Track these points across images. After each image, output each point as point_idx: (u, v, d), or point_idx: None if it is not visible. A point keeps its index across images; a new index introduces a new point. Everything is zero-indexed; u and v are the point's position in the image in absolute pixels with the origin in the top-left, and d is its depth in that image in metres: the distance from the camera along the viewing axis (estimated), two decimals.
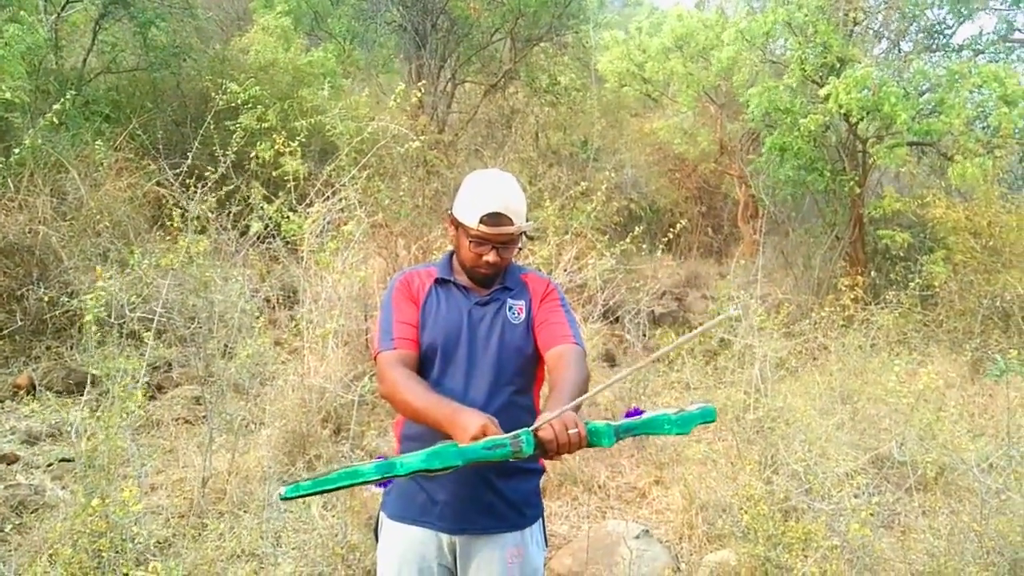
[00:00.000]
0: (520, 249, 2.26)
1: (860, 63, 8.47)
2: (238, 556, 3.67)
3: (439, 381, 2.13)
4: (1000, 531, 3.47)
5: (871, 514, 3.67)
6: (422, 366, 2.17)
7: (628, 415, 1.85)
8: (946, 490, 4.56)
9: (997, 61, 9.33)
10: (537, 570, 2.20)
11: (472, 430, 1.80)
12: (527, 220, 2.20)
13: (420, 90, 7.17)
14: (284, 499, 1.73)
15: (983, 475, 3.78)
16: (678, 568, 4.02)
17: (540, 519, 2.25)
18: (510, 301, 2.21)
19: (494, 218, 2.10)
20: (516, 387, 2.15)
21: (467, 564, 2.15)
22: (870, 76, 7.98)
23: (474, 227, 2.11)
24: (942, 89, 8.31)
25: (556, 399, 1.90)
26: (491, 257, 2.14)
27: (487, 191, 2.13)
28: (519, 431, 1.75)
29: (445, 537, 2.14)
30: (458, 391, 2.10)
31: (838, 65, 8.70)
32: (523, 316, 2.20)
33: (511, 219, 2.12)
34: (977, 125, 8.72)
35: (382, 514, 2.25)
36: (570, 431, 1.76)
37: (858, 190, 9.22)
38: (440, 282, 2.24)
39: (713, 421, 1.88)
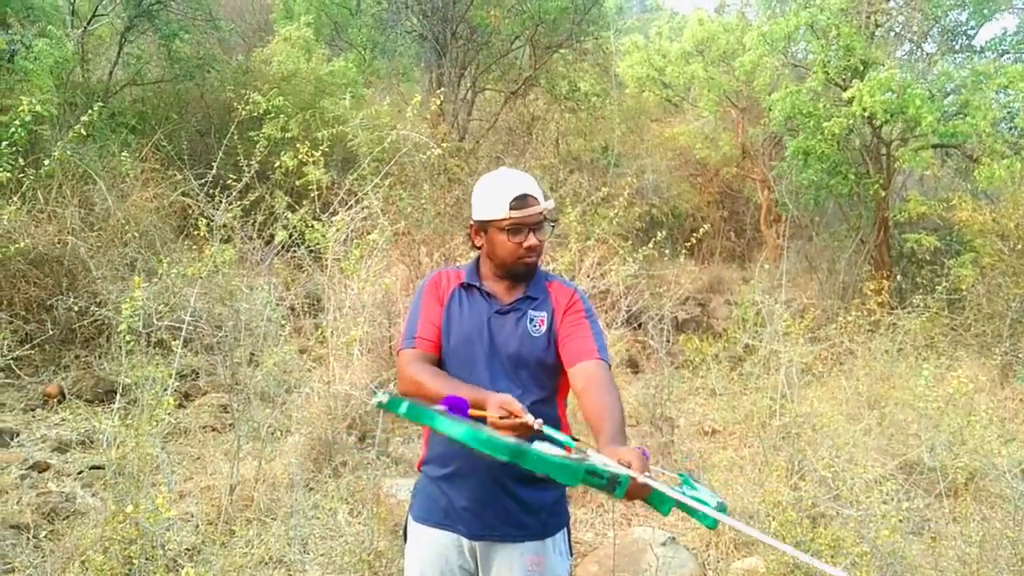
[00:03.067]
0: (553, 228, 2.27)
1: (883, 65, 8.41)
2: (266, 563, 3.69)
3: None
4: None
5: (901, 520, 3.64)
6: (443, 369, 2.18)
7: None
8: (977, 496, 4.50)
9: (1022, 61, 9.21)
10: None
11: (498, 400, 1.87)
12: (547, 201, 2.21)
13: (439, 98, 7.19)
14: (379, 407, 1.70)
15: (1016, 481, 3.73)
16: (705, 575, 3.99)
17: (564, 528, 2.22)
18: (531, 312, 2.18)
19: (522, 200, 2.12)
20: (537, 397, 2.12)
21: (488, 569, 2.15)
22: (894, 78, 7.92)
23: (505, 215, 2.11)
24: (967, 90, 8.23)
25: (610, 432, 1.84)
26: (531, 240, 2.13)
27: (505, 181, 2.17)
28: (619, 474, 1.69)
29: (466, 541, 2.15)
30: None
31: (861, 68, 8.64)
32: (544, 328, 2.16)
33: (536, 199, 2.14)
34: (1004, 126, 8.63)
35: (409, 516, 2.27)
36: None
37: (883, 193, 9.14)
38: (466, 287, 2.23)
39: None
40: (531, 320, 2.17)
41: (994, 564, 3.45)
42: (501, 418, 1.85)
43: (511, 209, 2.11)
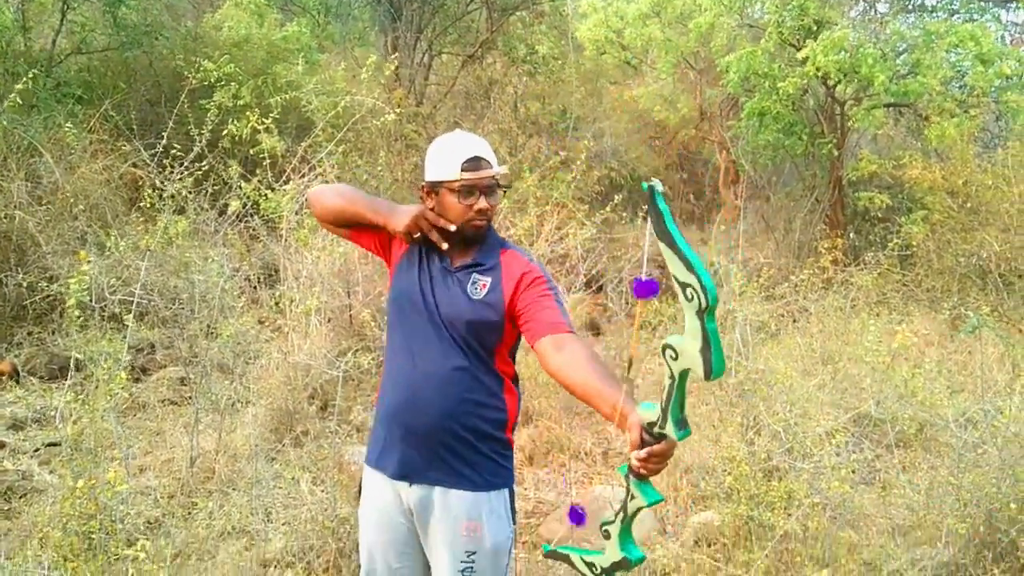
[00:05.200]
0: (506, 192, 2.30)
1: (837, 25, 8.46)
2: (228, 533, 3.70)
3: (397, 334, 2.21)
4: (976, 483, 3.54)
5: (852, 471, 3.74)
6: (387, 317, 2.30)
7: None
8: (926, 446, 4.64)
9: (972, 20, 9.33)
10: (500, 546, 2.16)
11: (407, 220, 2.15)
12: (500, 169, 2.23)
13: (394, 62, 7.10)
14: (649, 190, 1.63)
15: (960, 430, 3.86)
16: (664, 530, 4.09)
17: (507, 489, 2.20)
18: (475, 275, 2.18)
19: (474, 162, 2.13)
20: (471, 355, 2.13)
21: (424, 528, 2.17)
22: (847, 38, 7.98)
23: (456, 176, 2.12)
24: (919, 50, 8.33)
25: (614, 398, 1.84)
26: (481, 203, 2.14)
27: (458, 143, 2.18)
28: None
29: (402, 489, 2.16)
30: (412, 348, 2.15)
31: (815, 28, 8.68)
32: (484, 292, 2.15)
33: (489, 162, 2.16)
34: (954, 85, 8.76)
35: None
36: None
37: (836, 153, 9.24)
38: (424, 241, 2.23)
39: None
40: (473, 283, 2.17)
41: (939, 510, 3.58)
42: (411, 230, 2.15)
43: (463, 171, 2.12)
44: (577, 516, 1.94)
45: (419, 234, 2.17)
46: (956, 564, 3.33)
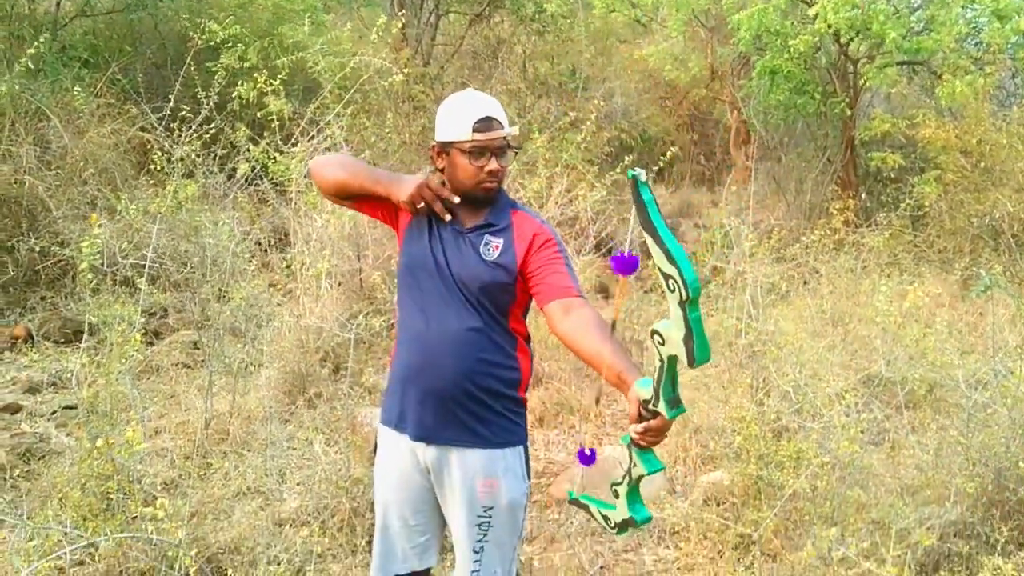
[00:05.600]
0: (516, 154, 2.28)
1: None
2: (244, 493, 3.76)
3: (410, 297, 2.21)
4: (985, 443, 3.56)
5: (861, 431, 3.75)
6: (398, 281, 2.29)
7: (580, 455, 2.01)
8: (936, 407, 4.64)
9: None
10: (516, 502, 2.20)
11: (410, 189, 2.13)
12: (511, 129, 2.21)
13: (401, 21, 7.01)
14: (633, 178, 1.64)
15: (970, 391, 3.86)
16: (673, 490, 4.13)
17: (521, 447, 2.24)
18: (487, 236, 2.18)
19: (486, 123, 2.11)
20: (483, 316, 2.14)
21: (441, 485, 2.20)
22: None
23: (468, 137, 2.10)
24: (934, 5, 8.17)
25: (623, 366, 1.89)
26: (492, 165, 2.12)
27: (470, 102, 2.16)
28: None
29: (419, 448, 2.18)
30: (426, 311, 2.16)
31: None
32: (497, 253, 2.16)
33: (501, 123, 2.13)
34: (969, 42, 8.60)
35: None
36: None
37: (849, 112, 9.12)
38: None
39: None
40: (486, 244, 2.17)
41: (948, 470, 3.59)
42: (414, 200, 2.12)
43: (474, 131, 2.09)
44: (586, 457, 1.96)
45: (422, 204, 2.15)
46: (964, 523, 3.35)
